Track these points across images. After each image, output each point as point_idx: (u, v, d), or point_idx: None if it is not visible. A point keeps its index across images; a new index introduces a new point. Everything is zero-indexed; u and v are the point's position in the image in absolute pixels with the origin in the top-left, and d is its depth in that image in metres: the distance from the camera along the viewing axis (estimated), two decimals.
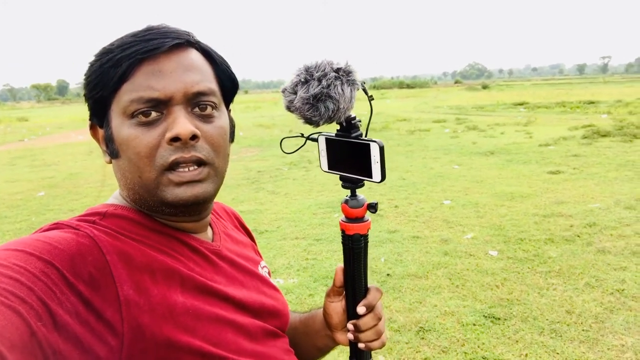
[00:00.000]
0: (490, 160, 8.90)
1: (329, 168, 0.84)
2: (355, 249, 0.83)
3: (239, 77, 0.80)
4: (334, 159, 0.83)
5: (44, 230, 0.66)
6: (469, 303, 3.48)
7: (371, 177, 0.77)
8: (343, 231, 0.84)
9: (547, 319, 3.20)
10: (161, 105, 0.68)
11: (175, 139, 0.67)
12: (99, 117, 0.73)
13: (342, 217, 0.84)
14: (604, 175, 7.09)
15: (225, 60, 0.78)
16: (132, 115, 0.68)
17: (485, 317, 3.27)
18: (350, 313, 0.87)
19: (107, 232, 0.67)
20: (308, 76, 0.72)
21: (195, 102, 0.70)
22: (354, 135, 0.78)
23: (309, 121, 0.74)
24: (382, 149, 0.75)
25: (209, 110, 0.72)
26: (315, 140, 0.85)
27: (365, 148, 0.76)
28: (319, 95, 0.71)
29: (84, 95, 0.73)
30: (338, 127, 0.80)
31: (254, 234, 1.05)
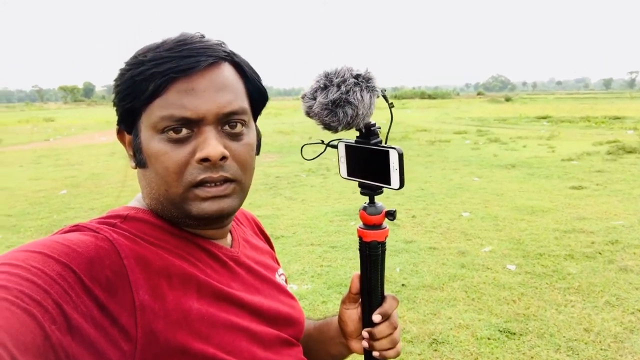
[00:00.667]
0: (512, 174, 8.78)
1: (349, 175, 0.84)
2: (372, 256, 0.83)
3: (268, 98, 0.80)
4: (353, 165, 0.83)
5: (65, 232, 0.66)
6: (485, 317, 3.43)
7: (389, 184, 0.78)
8: (360, 238, 0.83)
9: (564, 336, 3.13)
10: (192, 124, 0.68)
11: (205, 160, 0.68)
12: (127, 124, 0.73)
13: (360, 224, 0.84)
14: (628, 192, 6.94)
15: (256, 73, 0.78)
16: (162, 131, 0.68)
17: (501, 331, 3.21)
18: (366, 320, 0.85)
19: (126, 235, 0.67)
20: (327, 82, 0.73)
21: (225, 120, 0.70)
22: (373, 142, 0.79)
23: (327, 127, 0.74)
24: (401, 156, 0.75)
25: (238, 128, 0.72)
26: (335, 147, 0.85)
27: (384, 155, 0.77)
28: (337, 101, 0.71)
29: (113, 101, 0.73)
30: (357, 133, 0.81)
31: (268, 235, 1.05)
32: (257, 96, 0.78)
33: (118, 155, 12.56)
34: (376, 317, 0.83)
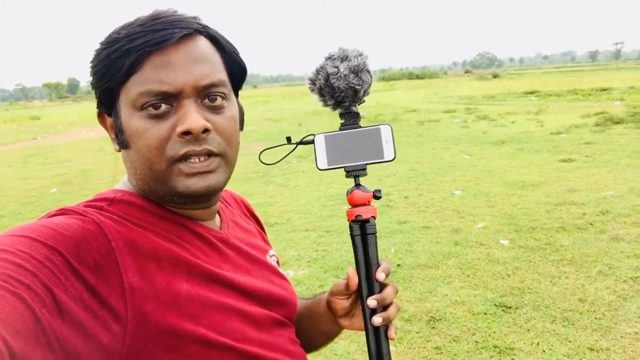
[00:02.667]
0: (501, 150, 8.82)
1: (329, 164, 0.86)
2: (371, 233, 0.83)
3: (247, 71, 0.81)
4: (335, 153, 0.86)
5: (51, 216, 0.66)
6: (480, 292, 3.47)
7: (383, 158, 0.84)
8: (355, 219, 0.83)
9: (559, 308, 3.17)
10: (171, 98, 0.67)
11: (187, 133, 0.67)
12: (107, 105, 0.72)
13: (349, 207, 0.84)
14: (617, 162, 7.00)
15: (233, 47, 0.77)
16: (142, 108, 0.67)
17: (497, 306, 3.25)
18: (366, 296, 0.83)
19: (113, 218, 0.67)
20: (345, 54, 0.82)
21: (205, 93, 0.69)
22: (358, 122, 0.86)
23: (344, 93, 0.82)
24: (391, 130, 0.84)
25: (219, 101, 0.71)
26: (310, 142, 0.88)
27: (376, 132, 0.84)
28: (360, 66, 0.81)
29: (91, 83, 0.72)
30: (341, 121, 0.87)
31: (263, 224, 1.04)
32: (237, 70, 0.77)
33: (107, 151, 12.45)
34: (380, 275, 0.81)
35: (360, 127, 0.85)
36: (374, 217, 0.83)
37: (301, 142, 0.90)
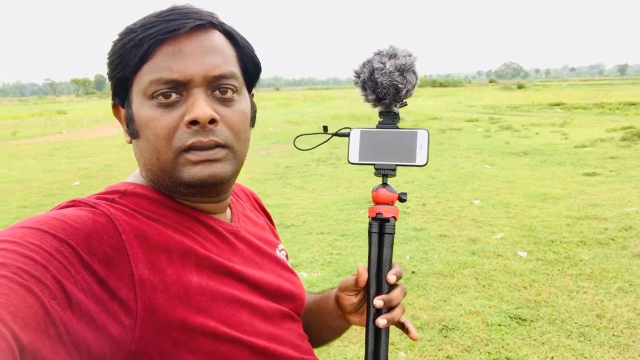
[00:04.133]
0: (524, 161, 8.69)
1: (360, 159, 0.86)
2: (389, 234, 0.83)
3: (271, 74, 0.81)
4: (368, 150, 0.86)
5: (62, 208, 0.66)
6: (495, 303, 3.41)
7: (414, 162, 0.84)
8: (375, 217, 0.83)
9: (575, 323, 3.10)
10: (181, 87, 0.68)
11: (194, 122, 0.67)
12: (121, 96, 0.73)
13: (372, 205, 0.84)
14: None
15: (248, 43, 0.77)
16: (152, 96, 0.68)
17: (511, 318, 3.20)
18: (373, 295, 0.82)
19: (124, 210, 0.67)
20: (394, 53, 0.81)
21: (215, 85, 0.69)
22: (397, 123, 0.86)
23: (386, 90, 0.81)
24: (428, 135, 0.84)
25: (229, 94, 0.71)
26: (346, 135, 0.88)
27: (412, 136, 0.84)
28: (407, 66, 0.80)
29: (107, 74, 0.73)
30: (379, 120, 0.87)
31: (277, 223, 1.04)
32: (251, 66, 0.77)
33: (130, 147, 12.57)
34: (391, 278, 0.80)
35: (398, 128, 0.85)
36: (394, 218, 0.83)
37: (337, 134, 0.91)
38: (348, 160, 0.87)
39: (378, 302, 0.79)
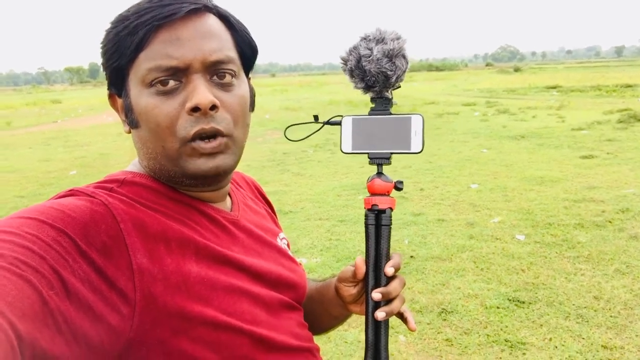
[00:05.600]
0: (521, 144, 8.69)
1: (354, 148, 0.83)
2: (386, 225, 0.81)
3: (266, 60, 0.79)
4: (361, 138, 0.83)
5: (60, 197, 0.66)
6: (494, 286, 3.44)
7: (409, 149, 0.80)
8: (371, 208, 0.81)
9: (573, 304, 3.13)
10: (179, 74, 0.67)
11: (196, 109, 0.66)
12: (117, 86, 0.72)
13: (367, 196, 0.82)
14: (639, 160, 6.85)
15: (244, 26, 0.76)
16: (151, 84, 0.67)
17: (510, 300, 3.22)
18: (372, 288, 0.81)
19: (122, 200, 0.66)
20: (381, 36, 0.77)
21: (214, 70, 0.69)
22: (390, 109, 0.82)
23: (375, 77, 0.77)
24: (423, 121, 0.80)
25: (228, 78, 0.70)
26: (337, 123, 0.85)
27: (406, 122, 0.80)
28: (396, 51, 0.76)
29: (102, 64, 0.71)
30: (371, 106, 0.83)
31: (275, 210, 1.04)
32: (247, 50, 0.76)
33: (125, 135, 12.51)
34: (376, 295, 0.79)
35: (391, 114, 0.81)
36: (391, 209, 0.81)
37: (328, 122, 0.87)
38: (341, 149, 0.84)
39: (376, 295, 0.78)
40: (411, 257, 4.02)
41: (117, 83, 0.71)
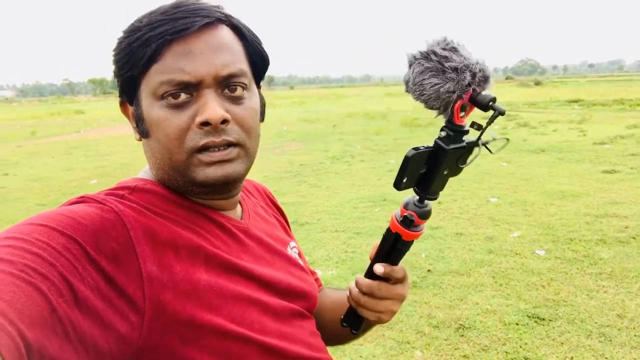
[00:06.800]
0: (541, 158, 8.57)
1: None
2: (396, 248, 0.80)
3: (285, 73, 0.78)
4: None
5: (71, 203, 0.66)
6: (513, 302, 3.37)
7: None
8: (397, 234, 0.79)
9: (595, 322, 3.05)
10: (191, 88, 0.67)
11: (206, 123, 0.66)
12: (129, 94, 0.72)
13: (397, 212, 0.79)
14: None
15: (256, 37, 0.76)
16: (162, 97, 0.67)
17: (529, 317, 3.15)
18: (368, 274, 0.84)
19: (133, 207, 0.66)
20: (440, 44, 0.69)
21: (225, 83, 0.69)
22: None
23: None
24: (405, 159, 0.69)
25: (239, 91, 0.70)
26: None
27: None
28: (409, 58, 0.70)
29: (113, 72, 0.72)
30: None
31: (291, 221, 1.03)
32: (259, 60, 0.76)
33: None
34: (379, 268, 0.80)
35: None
36: (405, 240, 0.79)
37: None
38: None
39: (379, 268, 0.81)
40: (428, 271, 3.97)
41: (129, 91, 0.72)
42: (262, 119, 0.79)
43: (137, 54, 0.66)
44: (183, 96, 0.67)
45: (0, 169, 10.19)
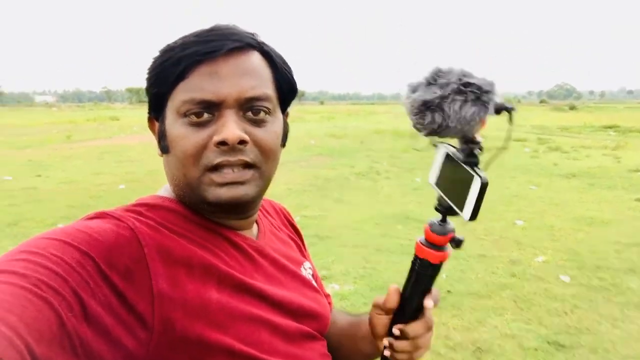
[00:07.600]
0: (572, 183, 8.37)
1: (436, 183, 0.75)
2: (419, 273, 0.76)
3: (316, 88, 0.76)
4: (443, 175, 0.74)
5: (89, 219, 0.67)
6: (533, 327, 3.27)
7: (461, 211, 0.68)
8: (415, 251, 0.77)
9: (620, 353, 2.93)
10: (213, 107, 0.68)
11: (223, 143, 0.67)
12: (157, 111, 0.74)
13: (422, 237, 0.76)
14: None
15: (286, 64, 0.76)
16: (185, 115, 0.68)
17: (550, 343, 3.05)
18: (390, 330, 0.81)
19: (149, 224, 0.67)
20: (433, 79, 0.65)
21: (248, 106, 0.69)
22: (465, 159, 0.70)
23: (414, 126, 0.67)
24: (483, 188, 0.66)
25: (262, 115, 0.71)
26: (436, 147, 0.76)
27: (469, 178, 0.67)
28: (429, 103, 0.63)
29: (145, 88, 0.74)
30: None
31: (310, 234, 1.02)
32: (286, 88, 0.77)
33: None
34: (395, 331, 0.78)
35: (462, 161, 0.69)
36: (431, 263, 0.74)
37: (434, 143, 0.75)
38: (429, 178, 0.76)
39: (396, 330, 0.78)
40: (448, 291, 3.89)
41: (157, 108, 0.74)
42: (283, 144, 0.79)
43: (167, 72, 0.68)
44: (206, 115, 0.68)
45: (34, 170, 10.51)
